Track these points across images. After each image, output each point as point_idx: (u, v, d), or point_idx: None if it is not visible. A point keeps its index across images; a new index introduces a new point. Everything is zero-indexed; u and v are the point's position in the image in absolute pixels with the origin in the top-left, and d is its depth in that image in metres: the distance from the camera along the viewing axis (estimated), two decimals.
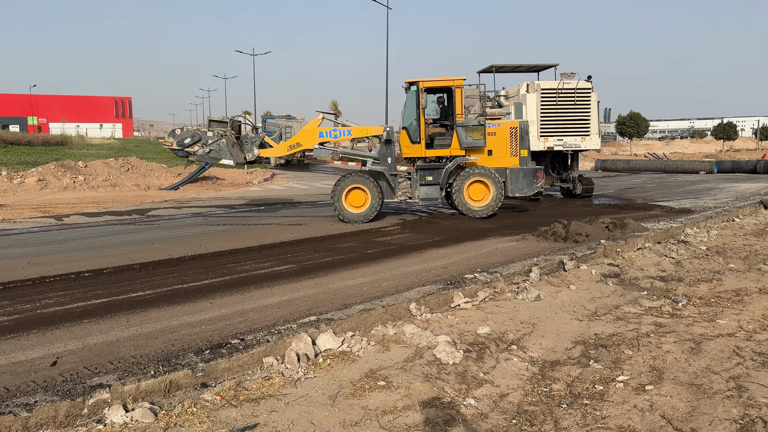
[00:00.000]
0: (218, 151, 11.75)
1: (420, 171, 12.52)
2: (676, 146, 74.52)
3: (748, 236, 10.18)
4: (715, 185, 20.97)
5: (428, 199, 12.56)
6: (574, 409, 3.92)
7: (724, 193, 17.81)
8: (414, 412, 3.80)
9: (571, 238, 9.50)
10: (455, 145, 12.41)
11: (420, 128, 12.33)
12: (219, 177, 23.60)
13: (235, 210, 14.66)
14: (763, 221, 11.91)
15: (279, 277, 7.14)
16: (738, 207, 13.61)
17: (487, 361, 4.79)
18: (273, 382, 4.22)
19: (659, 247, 9.09)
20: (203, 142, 11.67)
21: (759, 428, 3.55)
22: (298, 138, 12.65)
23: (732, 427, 3.58)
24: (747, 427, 3.57)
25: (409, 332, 5.19)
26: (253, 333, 4.94)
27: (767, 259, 8.16)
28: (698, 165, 30.87)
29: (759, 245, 9.26)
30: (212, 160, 12.02)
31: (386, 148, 12.44)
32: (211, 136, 11.71)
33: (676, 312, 5.93)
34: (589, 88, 16.58)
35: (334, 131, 12.53)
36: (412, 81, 12.43)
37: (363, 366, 4.52)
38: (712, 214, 12.29)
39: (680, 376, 4.36)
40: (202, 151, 11.72)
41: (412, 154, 12.67)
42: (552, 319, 5.78)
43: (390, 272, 7.46)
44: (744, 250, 8.93)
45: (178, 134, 11.79)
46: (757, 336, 5.19)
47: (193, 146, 11.68)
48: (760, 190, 18.62)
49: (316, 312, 5.56)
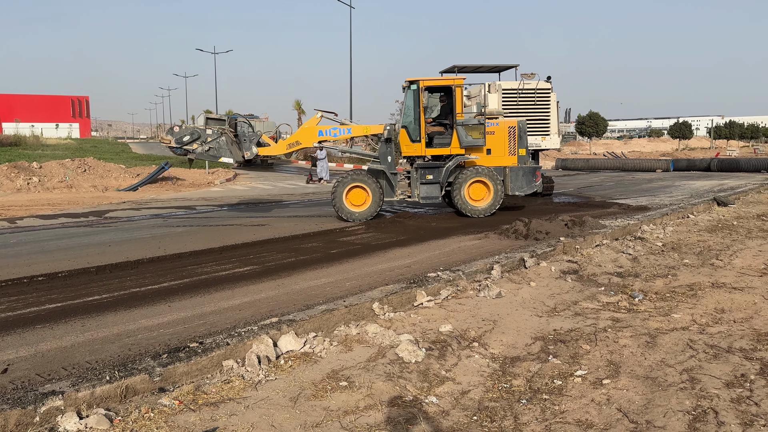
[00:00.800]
0: (218, 149, 11.58)
1: (420, 170, 12.54)
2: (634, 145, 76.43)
3: (702, 232, 10.49)
4: (671, 183, 21.56)
5: (428, 198, 12.58)
6: (533, 404, 3.98)
7: (680, 190, 18.33)
8: (376, 412, 3.80)
9: (531, 235, 9.64)
10: (455, 144, 12.46)
11: (420, 127, 12.34)
12: (179, 177, 23.20)
13: (196, 211, 14.42)
14: (716, 217, 12.30)
15: (240, 278, 7.05)
16: (692, 204, 14.02)
17: (449, 358, 4.81)
18: (233, 386, 4.16)
19: (617, 244, 9.31)
20: (202, 139, 11.51)
21: (710, 419, 3.66)
22: (297, 136, 12.56)
23: (685, 418, 3.68)
24: (699, 418, 3.67)
25: (372, 332, 5.18)
26: (212, 336, 4.86)
27: (720, 255, 8.42)
28: (655, 163, 31.72)
29: (712, 241, 9.55)
30: (211, 158, 11.85)
31: (386, 146, 12.48)
32: (211, 134, 11.54)
33: (633, 307, 6.07)
34: (548, 89, 16.85)
35: (333, 130, 12.48)
36: (412, 80, 12.41)
37: (325, 367, 4.50)
38: (667, 211, 12.64)
39: (636, 370, 4.46)
40: (201, 149, 11.55)
41: (412, 153, 12.66)
42: (513, 316, 5.85)
43: (353, 272, 7.44)
44: (698, 245, 9.20)
45: (176, 132, 11.59)
46: (710, 329, 5.35)
47: (191, 144, 11.50)
48: (714, 187, 19.23)
49: (278, 313, 5.50)
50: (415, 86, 12.34)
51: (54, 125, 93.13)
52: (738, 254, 8.43)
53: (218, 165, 12.95)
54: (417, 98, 12.32)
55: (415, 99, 12.36)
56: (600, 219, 11.19)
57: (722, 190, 17.99)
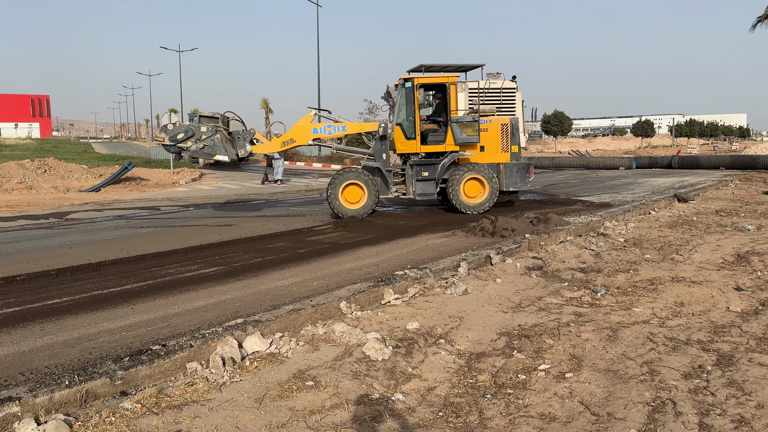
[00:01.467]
0: (212, 146, 11.47)
1: (415, 167, 12.59)
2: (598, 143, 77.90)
3: (663, 228, 10.75)
4: (634, 180, 22.02)
5: (424, 195, 12.66)
6: (498, 399, 4.03)
7: (642, 187, 18.72)
8: (342, 411, 3.80)
9: (498, 233, 9.74)
10: (450, 141, 12.54)
11: (415, 124, 12.37)
12: (143, 178, 22.78)
13: (160, 212, 14.18)
14: (676, 213, 12.62)
15: (205, 279, 6.96)
16: (654, 200, 14.34)
17: (415, 355, 4.84)
18: (197, 388, 4.11)
19: (580, 240, 9.48)
20: (197, 137, 11.37)
21: (669, 409, 3.76)
22: (291, 134, 12.47)
23: (644, 409, 3.77)
24: (658, 409, 3.77)
25: (339, 331, 5.18)
26: (176, 338, 4.79)
27: (680, 249, 8.65)
28: (618, 161, 32.32)
29: (672, 236, 9.80)
30: (206, 155, 11.70)
31: (381, 143, 12.50)
32: (206, 131, 11.42)
33: (595, 301, 6.19)
34: (514, 88, 17.06)
35: (328, 127, 12.47)
36: (407, 77, 12.46)
37: (291, 367, 4.48)
38: (629, 208, 12.91)
39: (598, 363, 4.55)
40: (196, 146, 11.40)
41: (407, 150, 12.68)
42: (479, 312, 5.91)
43: (321, 271, 7.42)
44: (659, 241, 9.43)
45: (170, 129, 11.38)
46: (669, 322, 5.49)
47: (186, 141, 11.35)
48: (675, 184, 19.70)
49: (244, 314, 5.45)
50: (410, 84, 12.38)
51: (13, 125, 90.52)
52: (697, 249, 8.67)
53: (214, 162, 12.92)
54: (412, 96, 12.38)
55: (410, 96, 12.43)
56: (564, 216, 11.37)
57: (682, 186, 18.44)
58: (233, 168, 32.97)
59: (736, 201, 14.97)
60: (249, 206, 15.30)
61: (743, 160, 28.30)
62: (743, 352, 4.66)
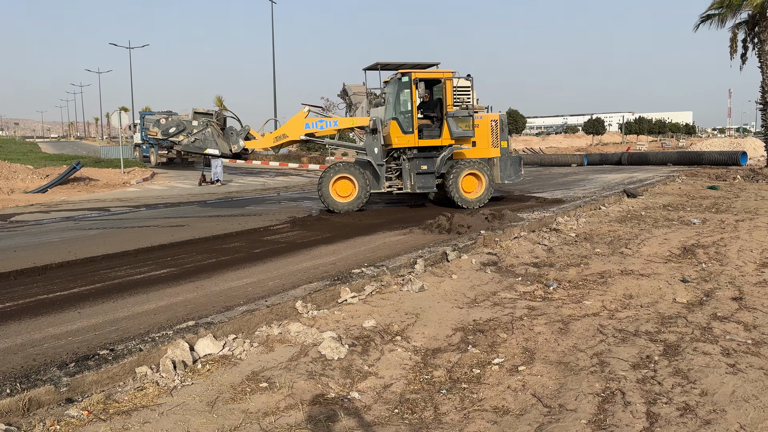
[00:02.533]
0: (204, 140, 11.64)
1: (413, 161, 12.75)
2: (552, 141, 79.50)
3: (613, 223, 11.04)
4: (585, 176, 22.54)
5: (424, 188, 12.87)
6: (453, 394, 4.05)
7: (593, 183, 19.19)
8: (297, 411, 3.76)
9: (454, 229, 9.83)
10: (446, 135, 12.73)
11: (413, 118, 12.50)
12: (92, 178, 22.10)
13: (110, 212, 13.78)
14: (626, 208, 12.98)
15: (156, 281, 6.79)
16: (604, 196, 14.72)
17: (372, 353, 4.83)
18: (147, 393, 4.00)
19: (533, 236, 9.65)
20: (188, 131, 11.50)
21: (618, 399, 3.85)
22: (284, 129, 12.49)
23: (595, 400, 3.85)
24: (608, 399, 3.86)
25: (295, 331, 5.13)
26: (125, 342, 4.65)
27: (629, 243, 8.89)
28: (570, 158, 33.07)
29: (622, 231, 10.07)
30: (197, 149, 11.84)
31: (372, 138, 12.69)
32: (197, 125, 11.59)
33: (548, 295, 6.31)
34: (468, 86, 17.20)
35: (320, 122, 12.57)
36: (405, 72, 12.60)
37: (245, 369, 4.41)
38: (581, 203, 13.22)
39: (550, 356, 4.63)
40: (187, 140, 11.57)
41: (404, 144, 12.74)
42: (435, 309, 5.94)
43: (277, 271, 7.33)
44: (609, 235, 9.68)
45: (162, 124, 11.57)
46: (619, 314, 5.64)
47: (177, 135, 11.53)
48: (624, 180, 20.27)
49: (196, 316, 5.33)
50: (407, 78, 12.51)
51: None
52: (645, 242, 8.93)
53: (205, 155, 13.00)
54: (409, 90, 12.53)
55: (407, 91, 12.59)
56: (518, 212, 11.56)
57: (632, 182, 18.99)
58: (187, 167, 32.36)
59: (682, 196, 15.50)
60: (203, 205, 15.01)
61: (689, 156, 29.33)
62: (688, 342, 4.81)
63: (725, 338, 4.87)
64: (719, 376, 4.11)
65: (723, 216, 11.56)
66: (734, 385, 3.94)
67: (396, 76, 12.97)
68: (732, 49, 24.27)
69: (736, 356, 4.47)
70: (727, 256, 7.90)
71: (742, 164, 26.63)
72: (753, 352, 4.55)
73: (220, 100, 43.13)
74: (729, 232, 9.63)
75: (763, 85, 23.46)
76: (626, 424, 3.50)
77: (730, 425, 3.45)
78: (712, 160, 27.60)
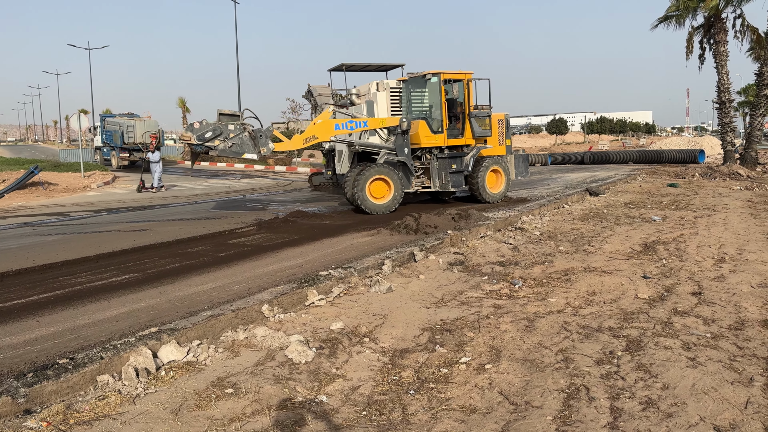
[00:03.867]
0: (240, 144, 11.32)
1: (442, 160, 13.21)
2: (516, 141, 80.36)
3: (576, 221, 11.23)
4: (549, 176, 22.89)
5: (457, 186, 13.39)
6: (421, 394, 4.06)
7: (556, 182, 19.49)
8: (263, 417, 3.71)
9: (421, 230, 9.86)
10: (468, 135, 13.27)
11: (442, 118, 12.88)
12: (51, 182, 21.50)
13: (70, 218, 13.43)
14: (588, 207, 13.21)
15: (118, 288, 6.63)
16: (567, 195, 14.96)
17: (339, 356, 4.81)
18: (109, 401, 3.90)
19: (499, 235, 9.75)
20: (224, 136, 11.15)
21: (582, 395, 3.91)
22: (314, 131, 12.32)
23: (560, 396, 3.91)
24: (572, 395, 3.91)
25: (261, 335, 5.07)
26: (85, 351, 4.53)
27: (592, 241, 9.05)
28: (534, 158, 33.46)
29: (585, 228, 10.25)
30: (234, 154, 11.48)
31: (403, 138, 12.87)
32: (233, 130, 11.24)
33: (513, 294, 6.38)
34: None
35: (350, 123, 12.56)
36: (435, 72, 12.89)
37: (210, 375, 4.33)
38: (545, 202, 13.40)
39: (516, 353, 4.68)
40: (224, 145, 11.21)
41: (433, 144, 13.10)
42: (402, 309, 5.95)
43: (243, 275, 7.24)
44: (572, 233, 9.84)
45: (196, 128, 11.04)
46: (582, 311, 5.73)
47: (213, 140, 11.10)
48: (587, 179, 20.63)
49: (159, 322, 5.23)
50: (436, 79, 12.83)
51: None
52: (607, 240, 9.10)
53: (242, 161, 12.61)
54: (439, 90, 12.84)
55: (437, 91, 12.90)
56: (484, 212, 11.66)
57: (594, 181, 19.35)
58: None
59: (643, 193, 15.86)
60: (165, 209, 14.74)
61: (650, 155, 30.03)
62: (650, 337, 4.92)
63: (685, 332, 5.00)
64: (680, 369, 4.21)
65: (682, 213, 11.87)
66: (694, 378, 4.04)
67: (421, 76, 13.33)
68: (688, 50, 24.96)
69: (696, 350, 4.59)
70: (687, 252, 8.10)
71: (700, 162, 27.38)
72: (712, 346, 4.68)
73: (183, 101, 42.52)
74: (688, 229, 9.89)
75: (719, 84, 24.18)
76: (591, 419, 3.56)
77: (690, 417, 3.53)
78: (671, 159, 28.31)
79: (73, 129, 23.27)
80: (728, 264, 7.43)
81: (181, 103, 43.77)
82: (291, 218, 12.20)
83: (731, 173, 20.98)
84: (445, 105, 12.96)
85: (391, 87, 17.00)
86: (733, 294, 6.10)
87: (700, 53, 24.86)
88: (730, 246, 8.48)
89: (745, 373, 4.14)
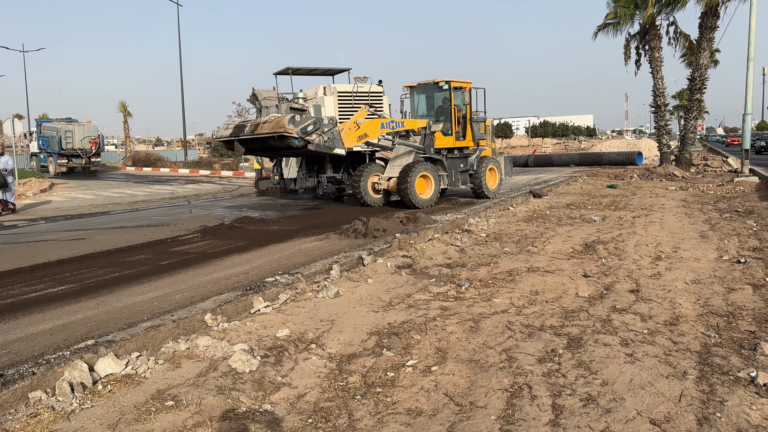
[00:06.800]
0: (332, 139, 11.12)
1: (453, 160, 14.66)
2: None
3: (520, 222, 11.46)
4: None
5: (464, 184, 14.91)
6: (367, 399, 4.04)
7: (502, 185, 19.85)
8: (205, 429, 3.62)
9: (370, 234, 9.86)
10: (469, 138, 14.78)
11: (452, 122, 14.32)
12: None
13: (2, 227, 12.81)
14: (532, 208, 13.51)
15: (53, 299, 6.35)
16: (512, 197, 15.27)
17: (285, 363, 4.74)
18: (41, 419, 3.73)
19: (446, 237, 9.85)
20: (321, 129, 10.82)
21: (525, 394, 3.98)
22: (364, 129, 12.68)
23: (504, 395, 3.96)
24: (516, 394, 3.98)
25: (203, 345, 4.95)
26: (16, 366, 4.30)
27: (535, 242, 9.25)
28: None
29: (528, 230, 10.47)
30: (327, 149, 11.21)
31: (431, 139, 14.17)
32: (327, 123, 10.97)
33: (460, 295, 6.45)
34: (381, 92, 17.36)
35: (392, 122, 13.52)
36: (446, 80, 14.21)
37: (150, 387, 4.20)
38: (491, 204, 13.64)
39: (461, 354, 4.72)
40: (320, 139, 10.98)
41: (445, 145, 14.48)
42: (350, 314, 5.92)
43: (186, 283, 7.05)
44: (516, 234, 10.03)
45: (298, 120, 10.54)
46: (526, 310, 5.84)
47: (311, 134, 10.80)
48: (531, 181, 21.12)
49: (96, 335, 5.03)
50: (447, 86, 14.22)
51: None
52: (550, 240, 9.33)
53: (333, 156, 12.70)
54: (449, 97, 14.26)
55: (446, 97, 14.34)
56: (432, 215, 11.77)
57: (537, 183, 19.82)
58: (89, 177, 30.68)
59: (584, 195, 16.35)
60: (105, 216, 14.25)
61: (590, 158, 31.00)
62: (590, 335, 5.06)
63: (624, 329, 5.16)
64: (618, 365, 4.34)
65: (621, 213, 12.29)
66: (632, 374, 4.18)
67: (432, 83, 14.49)
68: (626, 56, 25.94)
69: (634, 346, 4.74)
70: (625, 251, 8.38)
71: (638, 164, 28.44)
72: (648, 341, 4.84)
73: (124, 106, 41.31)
74: (626, 228, 10.24)
75: (654, 89, 25.20)
76: (533, 418, 3.62)
77: (628, 412, 3.64)
78: (611, 161, 29.30)
79: (6, 135, 22.19)
80: (664, 262, 7.73)
81: (122, 108, 42.42)
82: (237, 224, 12.00)
83: (667, 174, 21.88)
84: (455, 110, 14.23)
85: (339, 91, 16.99)
86: (668, 291, 6.35)
87: (637, 59, 25.88)
88: (666, 244, 8.82)
89: (679, 367, 4.30)
